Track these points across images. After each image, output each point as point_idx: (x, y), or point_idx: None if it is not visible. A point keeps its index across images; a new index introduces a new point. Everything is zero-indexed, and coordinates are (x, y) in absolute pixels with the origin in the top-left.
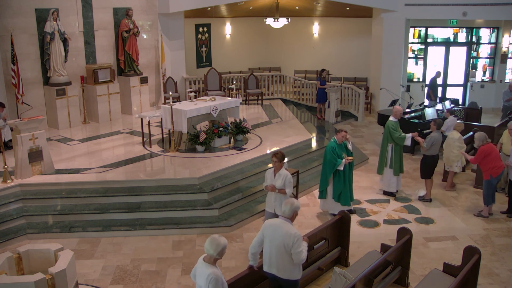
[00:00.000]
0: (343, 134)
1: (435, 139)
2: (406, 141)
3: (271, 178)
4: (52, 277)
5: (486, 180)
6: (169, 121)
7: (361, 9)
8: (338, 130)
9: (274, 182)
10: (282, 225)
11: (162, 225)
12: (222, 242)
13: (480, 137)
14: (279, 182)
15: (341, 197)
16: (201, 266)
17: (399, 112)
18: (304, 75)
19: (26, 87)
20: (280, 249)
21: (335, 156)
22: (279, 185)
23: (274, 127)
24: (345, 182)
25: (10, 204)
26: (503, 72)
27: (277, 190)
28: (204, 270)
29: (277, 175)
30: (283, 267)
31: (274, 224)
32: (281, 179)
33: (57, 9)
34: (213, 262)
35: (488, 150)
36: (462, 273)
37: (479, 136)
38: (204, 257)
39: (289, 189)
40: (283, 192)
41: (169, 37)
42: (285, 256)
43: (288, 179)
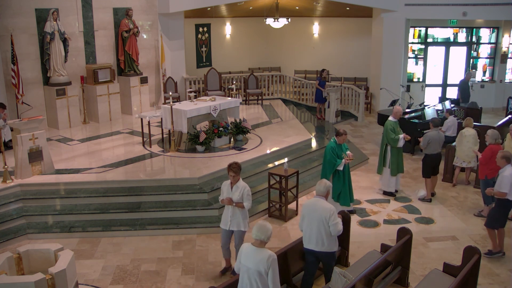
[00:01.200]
0: (344, 138)
1: (430, 137)
2: (399, 142)
3: (228, 191)
4: (52, 277)
5: (482, 180)
6: (169, 121)
7: (361, 9)
8: (341, 132)
9: (231, 195)
10: (318, 202)
11: (162, 225)
12: (270, 227)
13: (493, 135)
14: (237, 195)
15: (340, 197)
16: (253, 250)
17: (399, 112)
18: (304, 75)
19: (26, 87)
20: (320, 223)
21: (334, 156)
22: (237, 199)
23: (274, 127)
24: (344, 182)
25: (10, 204)
26: (503, 72)
27: (234, 204)
28: (259, 253)
29: (234, 187)
30: (322, 240)
31: (310, 203)
32: (239, 191)
33: (57, 9)
34: (264, 245)
35: (496, 151)
36: (462, 273)
37: (492, 134)
38: (254, 243)
39: (247, 202)
40: (241, 206)
41: (169, 37)
42: (324, 230)
43: (247, 192)
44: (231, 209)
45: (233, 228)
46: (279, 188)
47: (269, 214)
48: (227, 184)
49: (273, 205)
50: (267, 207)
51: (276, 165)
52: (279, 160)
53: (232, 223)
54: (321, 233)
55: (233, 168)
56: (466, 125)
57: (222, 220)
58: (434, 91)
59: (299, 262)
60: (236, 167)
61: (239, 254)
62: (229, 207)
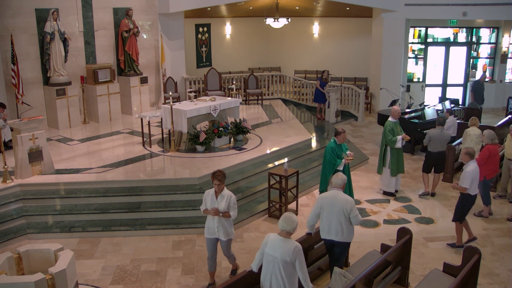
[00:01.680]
0: (343, 136)
1: (431, 135)
2: (397, 144)
3: (212, 200)
4: (52, 277)
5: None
6: (169, 121)
7: (361, 9)
8: (339, 131)
9: (217, 205)
10: (338, 194)
11: (162, 225)
12: (296, 219)
13: (490, 136)
14: (223, 205)
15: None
16: (280, 241)
17: (397, 112)
18: (304, 75)
19: (26, 87)
20: (340, 215)
21: (334, 156)
22: (223, 208)
23: (274, 127)
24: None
25: (10, 204)
26: (503, 72)
27: (221, 214)
28: (286, 243)
29: (220, 196)
30: (342, 231)
31: (330, 195)
32: (225, 201)
33: (57, 9)
34: (290, 236)
35: (493, 151)
36: (462, 273)
37: (489, 134)
38: (280, 233)
39: (234, 211)
40: (228, 216)
41: (169, 37)
42: (345, 220)
43: (233, 201)
44: (217, 219)
45: (221, 237)
46: (279, 188)
47: (269, 214)
48: (211, 193)
49: (273, 205)
50: (267, 207)
51: (276, 165)
52: (279, 160)
53: (220, 233)
54: (341, 224)
55: (217, 176)
56: (472, 125)
57: (207, 230)
58: (434, 91)
59: None
60: (220, 175)
61: (264, 244)
62: (215, 217)
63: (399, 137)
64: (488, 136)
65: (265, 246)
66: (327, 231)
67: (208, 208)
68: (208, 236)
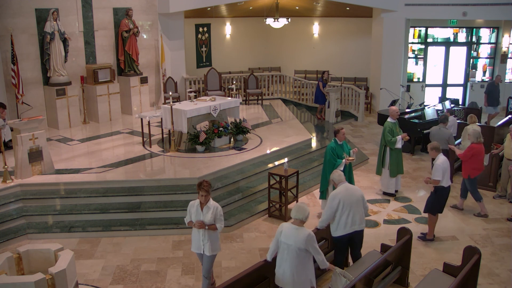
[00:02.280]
0: (343, 133)
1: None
2: (397, 144)
3: (197, 212)
4: (52, 277)
5: (465, 179)
6: (169, 121)
7: (361, 9)
8: (337, 129)
9: (202, 218)
10: (348, 186)
11: (162, 225)
12: (307, 208)
13: (475, 134)
14: (209, 217)
15: None
16: (294, 229)
17: (395, 112)
18: (304, 75)
19: (26, 87)
20: (359, 203)
21: (334, 156)
22: (209, 220)
23: (274, 127)
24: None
25: (10, 204)
26: (503, 72)
27: (207, 227)
28: (299, 232)
29: (205, 208)
30: (363, 218)
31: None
32: (211, 212)
33: (57, 9)
34: (303, 224)
35: (478, 150)
36: (462, 273)
37: (474, 133)
38: (293, 222)
39: (221, 223)
40: (214, 228)
41: (169, 37)
42: (363, 208)
43: (220, 212)
44: (202, 232)
45: (206, 252)
46: (279, 188)
47: (269, 214)
48: (195, 205)
49: (273, 205)
50: (267, 207)
51: (276, 165)
52: (279, 160)
53: (205, 247)
54: (361, 212)
55: (204, 187)
56: (472, 122)
57: (193, 244)
58: (434, 91)
59: None
60: (207, 186)
61: (278, 233)
62: (200, 230)
63: (399, 137)
64: (473, 134)
65: (279, 235)
66: (350, 224)
67: (193, 220)
68: (195, 251)
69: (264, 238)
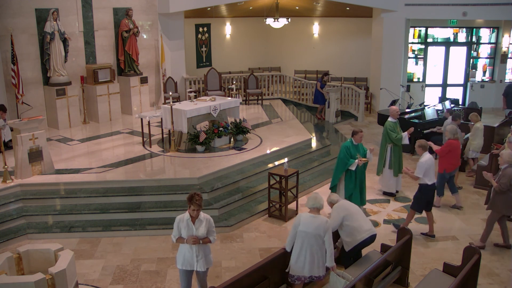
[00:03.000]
0: (360, 136)
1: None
2: (403, 140)
3: (189, 227)
4: (52, 277)
5: (439, 173)
6: (169, 121)
7: (361, 9)
8: (356, 130)
9: (195, 232)
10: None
11: (162, 225)
12: (321, 196)
13: (452, 131)
14: (202, 231)
15: (352, 198)
16: (312, 217)
17: (396, 112)
18: (304, 75)
19: (26, 87)
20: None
21: (348, 155)
22: (202, 234)
23: (274, 127)
24: (355, 184)
25: (10, 204)
26: (503, 72)
27: (201, 241)
28: (318, 219)
29: (197, 222)
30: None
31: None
32: (204, 225)
33: (57, 9)
34: (319, 212)
35: (454, 145)
36: (462, 273)
37: (451, 129)
38: (311, 211)
39: (214, 235)
40: (208, 242)
41: (169, 37)
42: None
43: (212, 224)
44: (196, 248)
45: (200, 268)
46: (279, 188)
47: (269, 214)
48: (185, 219)
49: (273, 205)
50: (267, 207)
51: (276, 165)
52: (279, 160)
53: (199, 263)
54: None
55: (197, 201)
56: (476, 121)
57: (183, 261)
58: (434, 91)
59: None
60: (200, 199)
61: (296, 224)
62: (192, 247)
63: (404, 133)
64: (450, 131)
65: (298, 226)
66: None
67: (183, 236)
68: (183, 268)
69: (264, 238)
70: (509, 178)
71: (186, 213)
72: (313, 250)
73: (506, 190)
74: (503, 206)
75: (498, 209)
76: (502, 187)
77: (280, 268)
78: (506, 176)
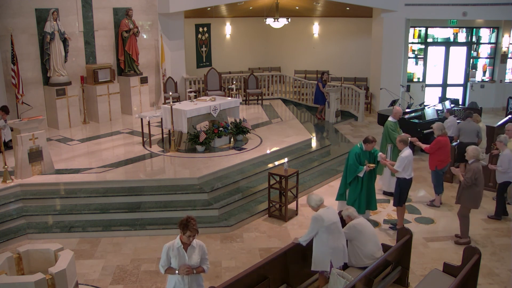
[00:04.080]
0: (372, 145)
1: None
2: None
3: (180, 255)
4: (52, 277)
5: (433, 171)
6: (169, 121)
7: (361, 9)
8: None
9: (188, 261)
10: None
11: (162, 225)
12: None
13: (439, 127)
14: (195, 258)
15: (355, 204)
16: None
17: (399, 113)
18: (304, 75)
19: (26, 87)
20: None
21: (357, 162)
22: (196, 262)
23: (274, 127)
24: (361, 190)
25: (10, 204)
26: (503, 72)
27: (195, 271)
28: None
29: (190, 249)
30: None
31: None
32: (197, 253)
33: (57, 9)
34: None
35: (444, 142)
36: (462, 273)
37: (438, 126)
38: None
39: (207, 263)
40: (201, 271)
41: (169, 37)
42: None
43: (205, 251)
44: (188, 279)
45: None
46: (279, 188)
47: (269, 214)
48: (175, 247)
49: (273, 205)
50: (267, 207)
51: (276, 165)
52: (279, 160)
53: None
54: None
55: (193, 226)
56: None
57: None
58: (434, 91)
59: (299, 262)
60: (195, 223)
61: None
62: (184, 277)
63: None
64: (437, 127)
65: (322, 222)
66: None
67: (174, 266)
68: None
69: (264, 238)
70: (474, 173)
71: (176, 240)
72: (343, 236)
73: (472, 185)
74: (469, 200)
75: (465, 203)
76: (467, 181)
77: (279, 268)
78: (471, 171)
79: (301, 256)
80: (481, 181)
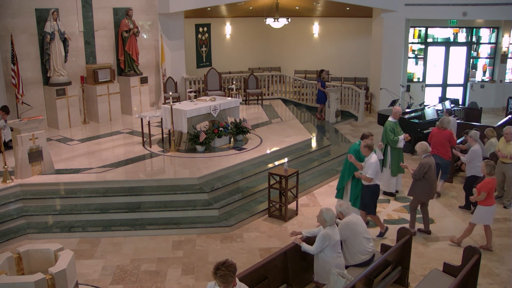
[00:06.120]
0: (371, 139)
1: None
2: (399, 143)
3: None
4: (52, 277)
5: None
6: (169, 121)
7: (361, 9)
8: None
9: None
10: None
11: (162, 225)
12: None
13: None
14: None
15: (357, 201)
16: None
17: (399, 113)
18: (304, 75)
19: (26, 87)
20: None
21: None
22: None
23: (274, 127)
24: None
25: (10, 204)
26: (503, 72)
27: None
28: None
29: None
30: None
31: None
32: None
33: (57, 9)
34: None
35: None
36: (462, 273)
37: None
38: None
39: None
40: None
41: (169, 37)
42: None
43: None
44: None
45: None
46: (279, 188)
47: (269, 214)
48: None
49: (273, 205)
50: (267, 207)
51: (276, 165)
52: (279, 160)
53: None
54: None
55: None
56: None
57: None
58: (434, 91)
59: (299, 262)
60: (225, 270)
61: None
62: None
63: (401, 136)
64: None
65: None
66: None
67: None
68: None
69: (264, 238)
70: (423, 167)
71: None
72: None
73: (422, 178)
74: (420, 193)
75: (416, 196)
76: (416, 174)
77: (280, 268)
78: (420, 165)
79: (301, 256)
80: (432, 175)
